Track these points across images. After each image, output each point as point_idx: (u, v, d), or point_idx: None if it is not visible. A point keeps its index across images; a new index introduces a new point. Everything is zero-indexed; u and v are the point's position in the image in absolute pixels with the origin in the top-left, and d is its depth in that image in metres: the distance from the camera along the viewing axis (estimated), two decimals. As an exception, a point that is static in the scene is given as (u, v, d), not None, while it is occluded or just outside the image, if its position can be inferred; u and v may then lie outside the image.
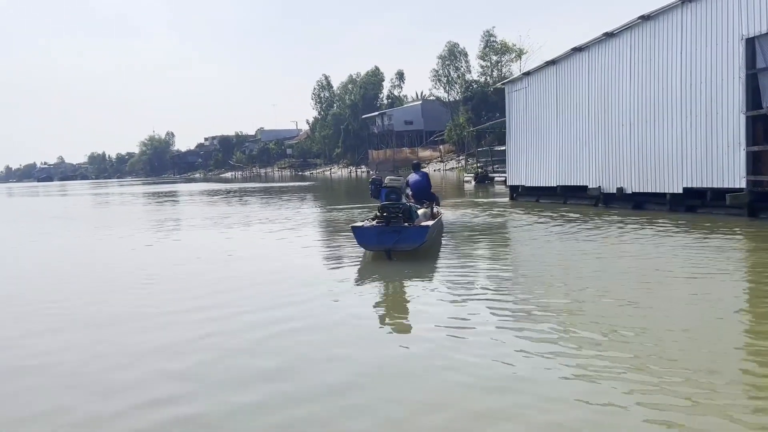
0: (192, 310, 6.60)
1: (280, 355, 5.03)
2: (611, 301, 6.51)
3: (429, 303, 6.61)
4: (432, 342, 5.23)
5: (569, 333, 5.32)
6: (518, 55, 63.24)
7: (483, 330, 5.49)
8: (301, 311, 6.43)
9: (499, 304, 6.38)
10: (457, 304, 6.42)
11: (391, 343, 5.50)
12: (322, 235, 13.62)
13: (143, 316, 6.48)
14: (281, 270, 8.98)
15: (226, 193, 35.61)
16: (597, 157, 16.05)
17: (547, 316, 5.85)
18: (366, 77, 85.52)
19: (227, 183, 65.60)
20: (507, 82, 19.98)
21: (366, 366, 4.75)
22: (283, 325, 5.91)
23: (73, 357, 5.19)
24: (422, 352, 5.00)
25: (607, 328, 5.40)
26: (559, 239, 11.21)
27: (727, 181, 12.53)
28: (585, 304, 6.30)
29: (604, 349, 4.86)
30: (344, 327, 5.85)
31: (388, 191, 9.58)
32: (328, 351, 5.11)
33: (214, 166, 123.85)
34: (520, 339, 5.19)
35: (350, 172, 79.63)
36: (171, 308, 6.73)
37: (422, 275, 8.02)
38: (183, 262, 10.27)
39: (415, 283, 7.65)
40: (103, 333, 5.91)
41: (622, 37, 15.05)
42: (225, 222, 16.70)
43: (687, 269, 7.90)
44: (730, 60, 12.35)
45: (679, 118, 13.57)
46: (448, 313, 6.10)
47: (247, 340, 5.51)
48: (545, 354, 4.75)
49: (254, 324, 5.98)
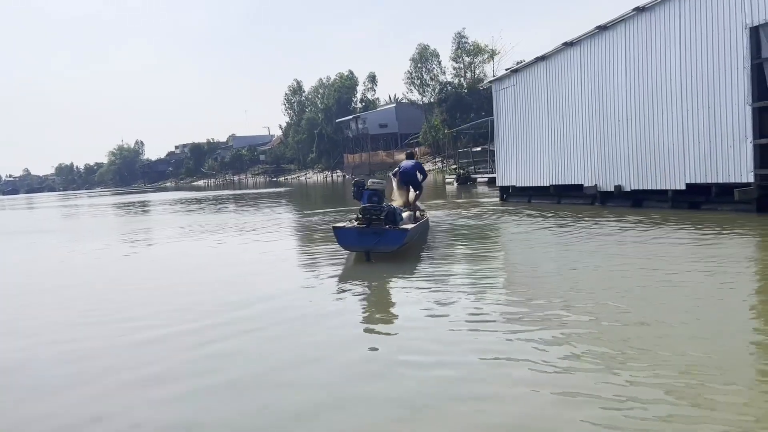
0: (177, 313, 6.32)
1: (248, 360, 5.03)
2: (600, 297, 6.34)
3: (410, 306, 6.54)
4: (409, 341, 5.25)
5: (568, 341, 4.94)
6: (491, 56, 63.36)
7: (458, 331, 5.43)
8: (282, 310, 6.61)
9: (475, 305, 6.25)
10: (439, 307, 6.28)
11: (360, 344, 5.39)
12: (303, 238, 13.62)
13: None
14: (262, 272, 9.30)
15: (199, 202, 34.63)
16: (592, 155, 15.56)
17: (547, 322, 5.53)
18: (340, 81, 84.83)
19: (200, 191, 64.44)
20: (494, 81, 19.44)
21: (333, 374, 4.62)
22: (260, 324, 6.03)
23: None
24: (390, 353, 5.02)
25: (593, 327, 5.23)
26: (553, 240, 10.85)
27: (734, 176, 12.09)
28: (579, 308, 5.92)
29: (591, 349, 4.73)
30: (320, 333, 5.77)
31: (370, 194, 9.78)
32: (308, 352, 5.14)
33: (186, 174, 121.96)
34: (494, 341, 5.09)
35: (326, 177, 78.93)
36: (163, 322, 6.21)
37: (407, 277, 7.98)
38: (169, 270, 9.85)
39: (393, 285, 7.68)
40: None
41: (616, 30, 14.58)
42: (202, 230, 16.11)
43: (707, 269, 7.49)
44: (734, 50, 11.91)
45: (680, 112, 13.11)
46: (429, 314, 6.02)
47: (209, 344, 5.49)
48: (535, 360, 4.53)
49: (226, 326, 6.02)
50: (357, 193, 10.06)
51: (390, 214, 9.39)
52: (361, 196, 9.93)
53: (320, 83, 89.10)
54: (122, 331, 6.11)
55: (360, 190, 10.00)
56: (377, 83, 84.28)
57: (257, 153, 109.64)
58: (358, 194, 10.04)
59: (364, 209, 9.32)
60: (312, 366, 4.74)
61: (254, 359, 5.03)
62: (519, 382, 4.14)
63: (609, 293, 6.46)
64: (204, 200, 36.62)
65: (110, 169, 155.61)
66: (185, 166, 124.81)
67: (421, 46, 66.70)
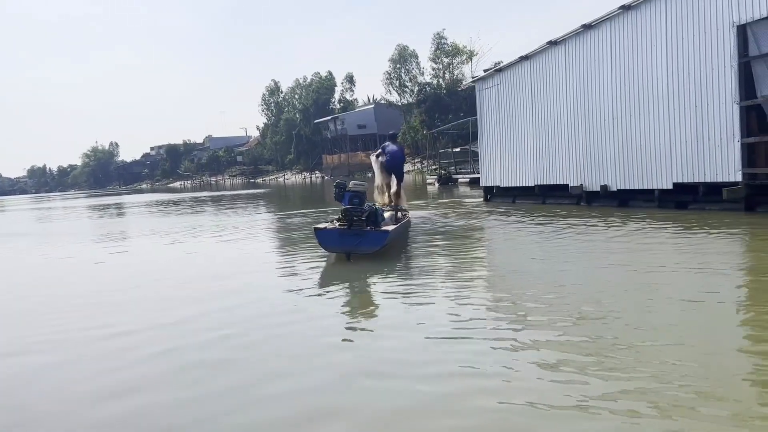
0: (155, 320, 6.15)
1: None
2: (585, 301, 6.18)
3: (388, 311, 6.42)
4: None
5: (550, 348, 4.75)
6: (469, 57, 63.51)
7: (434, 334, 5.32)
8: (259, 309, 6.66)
9: (455, 309, 6.06)
10: (417, 311, 6.18)
11: (334, 353, 5.16)
12: (282, 239, 13.60)
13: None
14: (241, 274, 9.21)
15: (176, 204, 34.07)
16: (578, 154, 15.44)
17: (530, 326, 5.40)
18: (319, 82, 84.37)
19: (177, 193, 63.57)
20: (477, 80, 19.26)
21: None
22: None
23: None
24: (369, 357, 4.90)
25: (577, 334, 5.03)
26: (538, 241, 10.73)
27: (721, 175, 12.03)
28: (563, 314, 5.73)
29: (576, 352, 4.60)
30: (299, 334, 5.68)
31: (351, 195, 9.78)
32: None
33: (162, 176, 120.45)
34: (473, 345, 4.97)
35: (304, 178, 78.45)
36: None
37: (387, 281, 7.89)
38: (152, 272, 9.48)
39: (373, 289, 7.63)
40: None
41: (602, 28, 14.48)
42: (180, 232, 15.70)
43: (696, 268, 7.42)
44: (721, 48, 11.85)
45: (667, 111, 13.04)
46: (418, 318, 5.89)
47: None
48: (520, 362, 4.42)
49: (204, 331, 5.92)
50: (338, 195, 10.07)
51: (372, 215, 9.54)
52: (342, 198, 9.93)
53: (297, 84, 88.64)
54: (98, 339, 5.79)
55: (341, 192, 10.01)
56: (355, 84, 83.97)
57: (234, 154, 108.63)
58: (339, 195, 10.04)
59: (346, 210, 9.37)
60: (282, 378, 4.51)
61: (222, 369, 4.81)
62: (493, 392, 3.97)
63: (595, 296, 6.30)
64: (181, 202, 36.06)
65: (84, 171, 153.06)
66: (161, 167, 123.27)
67: (401, 47, 66.66)
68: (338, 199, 10.09)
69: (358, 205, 9.60)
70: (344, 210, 9.43)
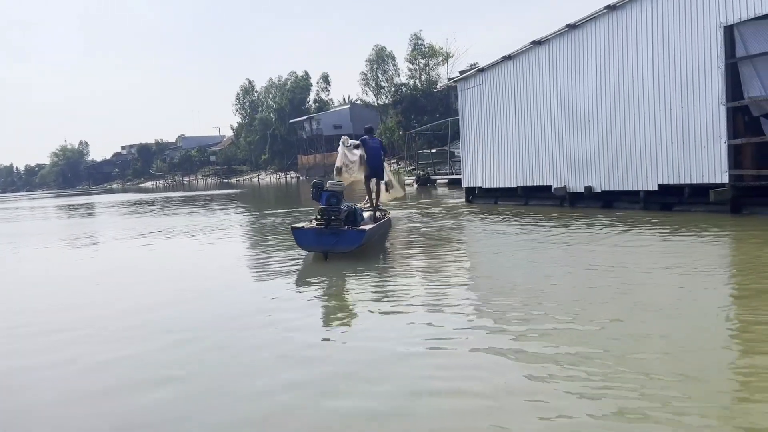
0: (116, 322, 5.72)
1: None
2: (568, 304, 6.06)
3: (363, 315, 6.24)
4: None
5: (529, 356, 4.59)
6: (445, 58, 63.60)
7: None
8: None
9: (431, 314, 5.92)
10: (392, 314, 6.07)
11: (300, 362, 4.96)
12: (259, 240, 13.48)
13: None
14: (217, 275, 9.11)
15: (148, 204, 33.40)
16: (562, 156, 15.31)
17: (508, 331, 5.25)
18: (294, 81, 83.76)
19: (148, 193, 62.57)
20: (459, 80, 19.08)
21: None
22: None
23: None
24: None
25: (558, 341, 4.89)
26: (520, 243, 10.57)
27: (707, 177, 11.97)
28: (544, 318, 5.62)
29: (554, 351, 4.55)
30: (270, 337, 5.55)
31: (329, 195, 9.85)
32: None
33: (133, 175, 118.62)
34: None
35: (279, 178, 77.79)
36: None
37: (365, 282, 7.81)
38: (118, 276, 9.11)
39: (349, 291, 7.56)
40: None
41: (586, 28, 14.38)
42: (154, 233, 15.35)
43: (681, 271, 7.31)
44: (707, 49, 11.79)
45: (652, 112, 12.96)
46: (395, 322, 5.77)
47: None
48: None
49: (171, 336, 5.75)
50: (315, 194, 10.12)
51: (351, 215, 9.69)
52: (319, 197, 9.98)
53: (271, 83, 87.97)
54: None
55: (319, 192, 10.06)
56: (331, 84, 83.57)
57: (208, 154, 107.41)
58: (316, 195, 10.09)
59: (323, 210, 9.48)
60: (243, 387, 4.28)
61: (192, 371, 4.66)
62: (460, 410, 3.71)
63: (577, 303, 6.09)
64: (153, 202, 35.37)
65: (53, 171, 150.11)
66: (132, 167, 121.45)
67: (378, 48, 66.50)
68: (315, 198, 10.11)
69: (336, 205, 9.66)
70: (321, 209, 9.53)
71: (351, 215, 9.75)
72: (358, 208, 10.46)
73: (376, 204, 12.58)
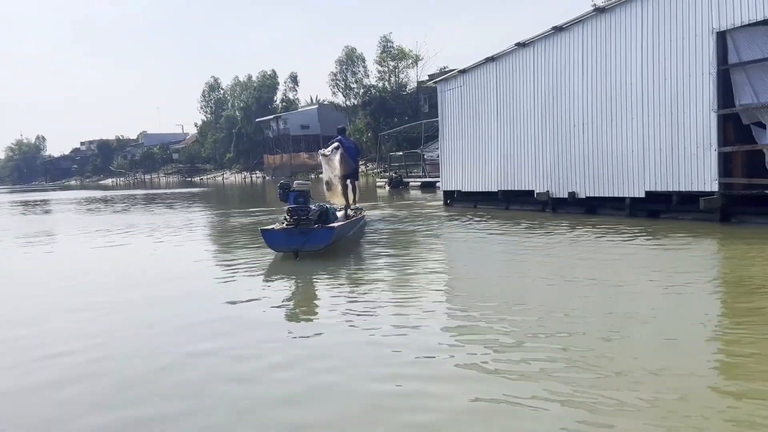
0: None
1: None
2: (544, 310, 5.92)
3: (329, 321, 5.99)
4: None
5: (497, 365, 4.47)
6: (414, 61, 63.46)
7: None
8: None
9: (399, 320, 5.77)
10: (358, 318, 5.93)
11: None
12: (224, 241, 13.18)
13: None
14: (183, 276, 9.00)
15: (107, 201, 32.33)
16: (545, 160, 15.03)
17: (481, 340, 5.09)
18: (261, 80, 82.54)
19: (108, 190, 61.07)
20: (439, 81, 18.70)
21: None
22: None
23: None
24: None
25: (520, 334, 4.98)
26: (499, 248, 10.47)
27: (696, 185, 11.78)
28: (516, 323, 5.46)
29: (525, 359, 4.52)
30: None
31: (296, 195, 9.95)
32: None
33: (92, 172, 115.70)
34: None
35: (244, 178, 76.55)
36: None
37: (335, 285, 7.82)
38: (79, 276, 8.96)
39: (319, 294, 7.53)
40: None
41: (573, 31, 14.12)
42: (114, 231, 14.83)
43: (667, 281, 7.12)
44: (699, 55, 11.59)
45: (640, 118, 12.74)
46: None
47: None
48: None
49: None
50: (283, 195, 10.19)
51: (323, 214, 9.86)
52: (287, 198, 10.05)
53: (237, 81, 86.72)
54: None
55: (286, 192, 10.12)
56: (299, 84, 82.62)
57: (170, 151, 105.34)
58: (284, 196, 10.16)
59: (292, 210, 9.52)
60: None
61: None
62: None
63: (556, 315, 5.78)
64: (113, 200, 34.29)
65: (8, 166, 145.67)
66: (92, 163, 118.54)
67: (348, 49, 65.94)
68: (283, 199, 10.17)
69: (303, 204, 9.73)
70: (290, 209, 9.57)
71: (323, 214, 9.87)
72: (331, 208, 10.55)
73: (354, 202, 12.75)
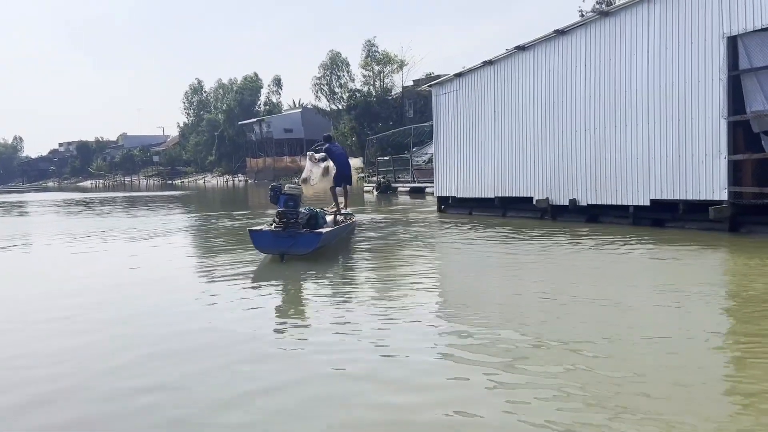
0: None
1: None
2: (542, 324, 5.70)
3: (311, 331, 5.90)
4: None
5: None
6: (400, 66, 63.19)
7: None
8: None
9: (383, 332, 5.58)
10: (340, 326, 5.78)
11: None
12: (208, 244, 12.92)
13: None
14: (166, 279, 8.99)
15: (85, 204, 31.46)
16: (545, 166, 14.66)
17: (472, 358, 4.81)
18: (244, 83, 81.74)
19: (87, 192, 59.91)
20: (434, 84, 18.28)
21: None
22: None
23: None
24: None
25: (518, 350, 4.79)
26: (495, 256, 10.21)
27: (705, 193, 11.46)
28: (517, 342, 5.14)
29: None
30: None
31: (286, 198, 9.99)
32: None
33: (71, 174, 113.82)
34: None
35: (226, 181, 75.65)
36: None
37: (322, 293, 7.71)
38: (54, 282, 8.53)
39: (303, 301, 7.44)
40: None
41: (576, 35, 13.78)
42: (95, 234, 14.32)
43: (674, 297, 6.69)
44: (708, 60, 11.30)
45: (646, 124, 12.42)
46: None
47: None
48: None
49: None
50: (273, 197, 10.25)
51: (312, 218, 9.95)
52: (277, 200, 10.10)
53: (220, 84, 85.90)
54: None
55: (276, 195, 10.19)
56: (283, 87, 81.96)
57: (150, 154, 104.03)
58: (274, 198, 10.22)
59: (281, 213, 9.64)
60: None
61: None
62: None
63: (555, 329, 5.49)
64: (93, 202, 33.44)
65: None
66: (70, 165, 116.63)
67: (333, 53, 65.51)
68: (273, 201, 10.24)
69: (293, 208, 9.81)
70: (279, 212, 9.69)
71: (312, 219, 9.99)
72: (320, 212, 10.65)
73: (345, 207, 13.11)
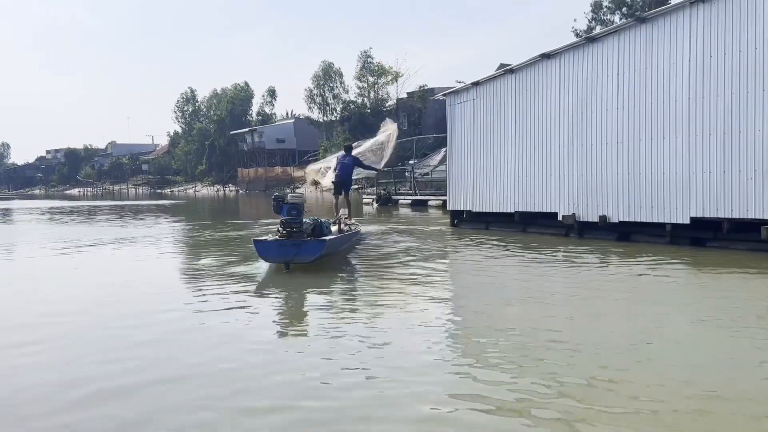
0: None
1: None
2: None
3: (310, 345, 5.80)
4: None
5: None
6: (395, 77, 62.64)
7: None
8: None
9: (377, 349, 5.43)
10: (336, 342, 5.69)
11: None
12: (198, 253, 12.63)
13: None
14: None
15: (74, 212, 30.42)
16: (571, 180, 13.84)
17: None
18: (235, 92, 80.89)
19: (75, 200, 58.73)
20: (449, 93, 17.47)
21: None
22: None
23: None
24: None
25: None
26: (517, 276, 9.60)
27: (753, 211, 10.66)
28: (540, 374, 4.73)
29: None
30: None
31: (289, 207, 10.05)
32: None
33: (59, 181, 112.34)
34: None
35: (217, 191, 74.62)
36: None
37: (326, 307, 7.55)
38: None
39: (307, 315, 7.32)
40: None
41: (607, 42, 13.02)
42: (86, 244, 13.52)
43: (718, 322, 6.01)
44: (759, 70, 10.55)
45: (686, 137, 11.64)
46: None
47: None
48: None
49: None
50: (277, 207, 10.30)
51: (317, 228, 10.23)
52: (280, 210, 10.15)
53: (214, 93, 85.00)
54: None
55: (279, 204, 10.23)
56: (276, 97, 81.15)
57: (140, 162, 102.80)
58: (277, 208, 10.26)
59: (284, 222, 9.79)
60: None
61: None
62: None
63: (584, 358, 5.04)
64: (82, 210, 32.39)
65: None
66: (58, 172, 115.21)
67: (326, 63, 64.88)
68: (276, 211, 10.28)
69: (296, 217, 9.88)
70: (283, 221, 9.84)
71: (317, 228, 10.22)
72: (325, 222, 10.85)
73: (349, 217, 13.53)
